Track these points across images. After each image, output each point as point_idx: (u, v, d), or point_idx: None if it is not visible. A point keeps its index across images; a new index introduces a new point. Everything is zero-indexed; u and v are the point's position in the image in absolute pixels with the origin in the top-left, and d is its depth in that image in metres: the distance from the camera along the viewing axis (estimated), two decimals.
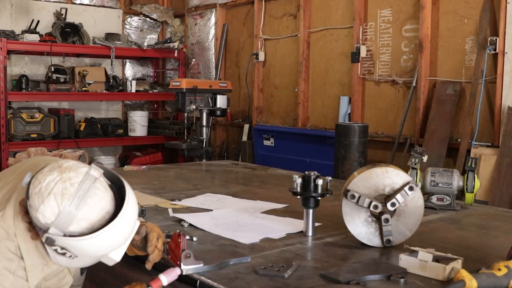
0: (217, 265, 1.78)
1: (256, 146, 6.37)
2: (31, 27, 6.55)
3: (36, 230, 1.53)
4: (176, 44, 7.27)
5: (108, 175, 1.59)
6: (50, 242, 1.48)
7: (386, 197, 2.02)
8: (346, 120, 5.51)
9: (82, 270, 1.88)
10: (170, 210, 2.51)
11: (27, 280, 1.62)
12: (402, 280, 1.61)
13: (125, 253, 1.64)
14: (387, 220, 1.99)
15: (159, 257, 1.75)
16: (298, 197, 2.16)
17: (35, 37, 6.32)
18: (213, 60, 7.35)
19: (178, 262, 1.72)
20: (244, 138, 6.68)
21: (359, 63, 5.43)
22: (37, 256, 1.62)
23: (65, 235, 1.46)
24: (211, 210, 2.54)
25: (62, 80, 6.55)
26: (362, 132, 4.54)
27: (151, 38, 7.98)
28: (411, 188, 2.00)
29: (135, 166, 4.01)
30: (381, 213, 2.00)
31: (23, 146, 5.71)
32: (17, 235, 1.60)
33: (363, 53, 5.39)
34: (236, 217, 2.40)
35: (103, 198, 1.50)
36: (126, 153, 7.47)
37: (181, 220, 2.33)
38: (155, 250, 1.73)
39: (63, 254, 1.52)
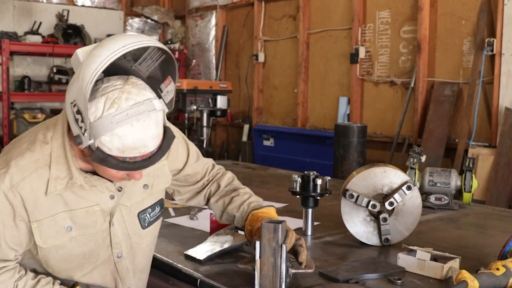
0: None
1: (256, 146, 6.39)
2: (34, 29, 6.59)
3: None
4: (176, 45, 7.30)
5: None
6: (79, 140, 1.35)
7: (384, 197, 2.04)
8: (345, 121, 5.54)
9: (143, 223, 1.71)
10: (170, 210, 2.53)
11: (46, 192, 1.46)
12: (399, 281, 1.63)
13: None
14: (385, 219, 2.01)
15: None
16: (298, 196, 2.17)
17: (37, 39, 6.35)
18: (214, 61, 7.37)
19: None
20: (244, 138, 6.71)
21: (358, 64, 5.47)
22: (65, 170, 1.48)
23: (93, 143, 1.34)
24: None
25: (64, 81, 6.59)
26: (361, 132, 4.58)
27: None
28: (409, 188, 2.01)
29: None
30: (380, 212, 2.02)
31: None
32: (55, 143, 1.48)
33: (362, 54, 5.42)
34: None
35: (149, 130, 1.36)
36: None
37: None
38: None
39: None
